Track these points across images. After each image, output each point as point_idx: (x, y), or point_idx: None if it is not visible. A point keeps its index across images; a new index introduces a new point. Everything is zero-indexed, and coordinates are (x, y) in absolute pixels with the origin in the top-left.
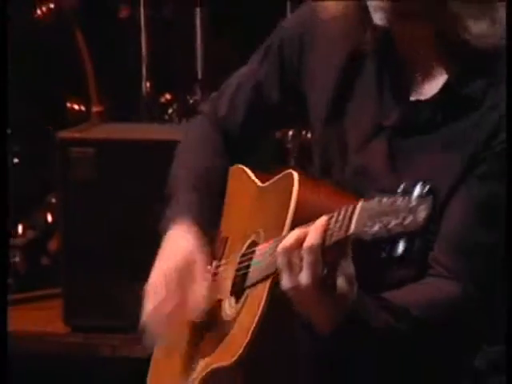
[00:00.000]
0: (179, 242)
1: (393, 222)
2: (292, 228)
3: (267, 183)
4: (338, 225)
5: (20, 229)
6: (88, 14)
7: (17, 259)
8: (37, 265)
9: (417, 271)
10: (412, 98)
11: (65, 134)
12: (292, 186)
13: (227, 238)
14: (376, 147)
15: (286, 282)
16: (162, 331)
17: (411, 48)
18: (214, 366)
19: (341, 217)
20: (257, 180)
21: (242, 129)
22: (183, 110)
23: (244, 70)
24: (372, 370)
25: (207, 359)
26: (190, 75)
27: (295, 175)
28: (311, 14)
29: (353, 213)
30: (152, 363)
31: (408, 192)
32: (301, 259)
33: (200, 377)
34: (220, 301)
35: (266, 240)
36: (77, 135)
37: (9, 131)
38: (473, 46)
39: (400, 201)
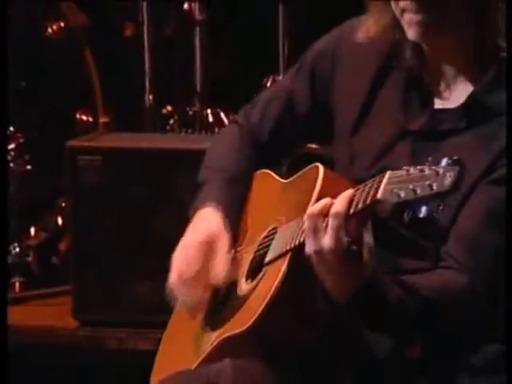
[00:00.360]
0: (205, 221)
1: (420, 187)
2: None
3: (292, 178)
4: (364, 193)
5: (33, 231)
6: (96, 32)
7: (30, 259)
8: (48, 264)
9: (431, 260)
10: (438, 106)
11: (74, 142)
12: (317, 175)
13: (247, 230)
14: (401, 150)
15: (309, 246)
16: (184, 295)
17: (441, 59)
18: (227, 334)
19: (367, 187)
20: (280, 179)
21: (271, 137)
22: (183, 121)
23: (279, 83)
24: (380, 343)
25: (220, 331)
26: (190, 89)
27: (321, 167)
28: (347, 31)
29: (380, 181)
30: (164, 339)
31: (436, 162)
32: (326, 225)
33: (211, 346)
34: (236, 282)
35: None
36: (85, 144)
37: (21, 140)
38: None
39: (427, 170)
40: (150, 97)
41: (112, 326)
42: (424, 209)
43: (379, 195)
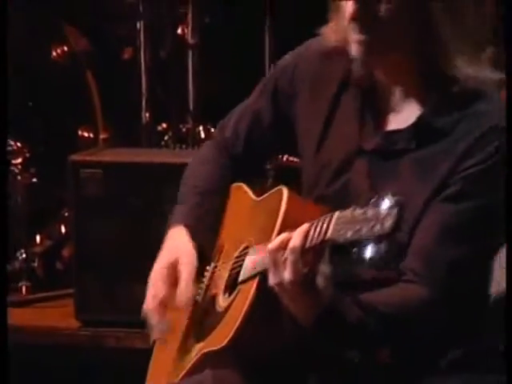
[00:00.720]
0: (171, 243)
1: (364, 229)
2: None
3: (261, 197)
4: (317, 231)
5: (38, 238)
6: (96, 55)
7: (35, 264)
8: (52, 269)
9: (387, 274)
10: (391, 126)
11: (76, 157)
12: (281, 200)
13: (223, 245)
14: (358, 167)
15: (271, 278)
16: (155, 320)
17: (390, 80)
18: (205, 350)
19: (319, 224)
20: (252, 195)
21: (245, 150)
22: (177, 137)
23: (247, 100)
24: (348, 360)
25: (201, 344)
26: (183, 107)
27: (284, 191)
28: (308, 49)
29: (330, 221)
30: (154, 352)
31: (378, 204)
32: (285, 259)
33: (193, 360)
34: (215, 296)
35: (259, 242)
36: (87, 158)
37: (27, 154)
38: (459, 85)
39: (370, 211)
40: (147, 115)
41: (111, 326)
42: (370, 248)
43: (328, 235)
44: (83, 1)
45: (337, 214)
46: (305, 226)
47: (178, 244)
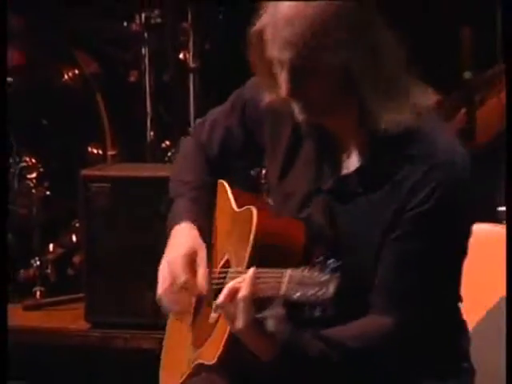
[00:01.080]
0: (183, 237)
1: (310, 292)
2: (250, 260)
3: (238, 210)
4: (270, 285)
5: (51, 247)
6: (105, 78)
7: (48, 271)
8: (64, 275)
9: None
10: (343, 171)
11: (86, 172)
12: (251, 224)
13: (215, 244)
14: (316, 204)
15: (230, 327)
16: (172, 303)
17: (335, 133)
18: (201, 361)
19: (272, 277)
20: (233, 200)
21: (220, 155)
22: None
23: (222, 107)
24: None
25: (197, 353)
26: (185, 126)
27: (254, 212)
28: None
29: (283, 278)
30: (164, 348)
31: (323, 268)
32: (237, 308)
33: (192, 366)
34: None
35: (235, 263)
36: (96, 173)
37: (41, 170)
38: (387, 133)
39: (316, 275)
40: (151, 133)
41: (118, 328)
42: (317, 310)
43: (282, 292)
44: (93, 28)
45: (289, 272)
46: (252, 274)
47: (191, 237)
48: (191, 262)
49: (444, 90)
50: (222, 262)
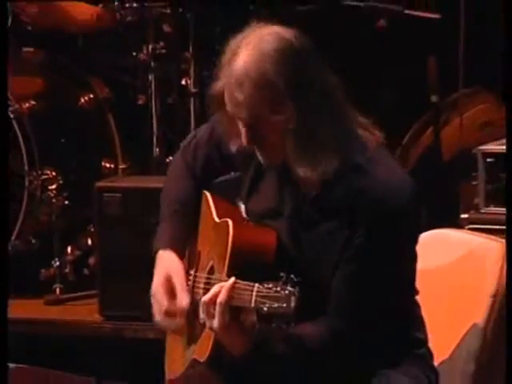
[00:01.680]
0: (161, 265)
1: (275, 305)
2: (230, 267)
3: (218, 221)
4: (242, 297)
5: (69, 249)
6: (116, 101)
7: (67, 270)
8: (81, 274)
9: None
10: (300, 199)
11: (100, 183)
12: (228, 236)
13: (200, 251)
14: (280, 226)
15: (207, 324)
16: (166, 326)
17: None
18: (194, 357)
19: (243, 288)
20: (214, 211)
21: (202, 175)
22: None
23: (203, 131)
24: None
25: (192, 349)
26: None
27: (230, 224)
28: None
29: (252, 292)
30: (168, 343)
31: (286, 281)
32: (214, 310)
33: (187, 361)
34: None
35: (218, 270)
36: (108, 184)
37: (61, 182)
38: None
39: (279, 289)
40: (157, 149)
41: (128, 320)
42: (283, 319)
43: (252, 305)
44: (106, 58)
45: (256, 286)
46: (230, 284)
47: (168, 263)
48: (170, 289)
49: (415, 112)
50: (207, 268)
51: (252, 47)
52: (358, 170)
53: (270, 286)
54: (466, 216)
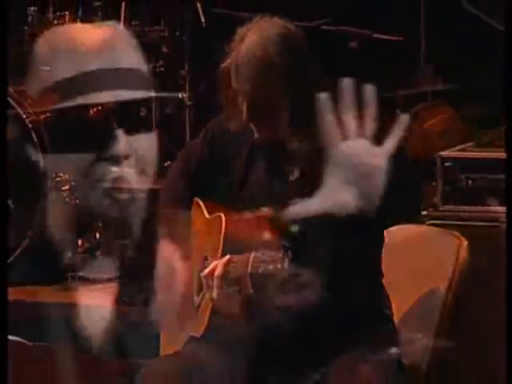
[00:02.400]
0: (164, 255)
1: (270, 267)
2: (223, 251)
3: (210, 217)
4: (238, 266)
5: (80, 242)
6: (121, 113)
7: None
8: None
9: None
10: (289, 179)
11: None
12: (221, 224)
13: (194, 246)
14: (272, 210)
15: (207, 295)
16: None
17: (282, 145)
18: (191, 333)
19: (240, 260)
20: (205, 212)
21: (195, 181)
22: None
23: (194, 142)
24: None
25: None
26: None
27: (223, 218)
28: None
29: (248, 259)
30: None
31: (278, 247)
32: (213, 282)
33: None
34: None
35: (212, 256)
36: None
37: (72, 183)
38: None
39: (273, 253)
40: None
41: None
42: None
43: (249, 270)
44: None
45: (253, 254)
46: (226, 258)
47: (168, 256)
48: (171, 281)
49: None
50: (201, 258)
51: (257, 33)
52: None
53: (265, 252)
54: (425, 213)
